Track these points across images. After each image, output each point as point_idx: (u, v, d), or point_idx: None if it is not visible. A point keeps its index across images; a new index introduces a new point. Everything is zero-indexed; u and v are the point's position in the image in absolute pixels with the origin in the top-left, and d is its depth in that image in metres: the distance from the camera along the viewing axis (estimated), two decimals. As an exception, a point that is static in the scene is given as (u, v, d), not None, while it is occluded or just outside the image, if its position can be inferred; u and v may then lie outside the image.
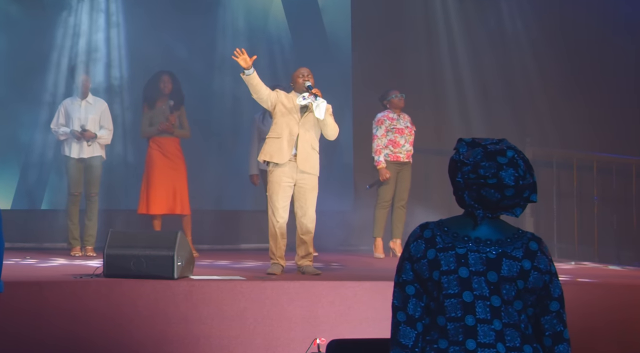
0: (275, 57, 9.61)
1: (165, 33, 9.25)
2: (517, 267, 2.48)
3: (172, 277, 5.90)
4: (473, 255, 2.49)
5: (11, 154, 9.00)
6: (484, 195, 2.49)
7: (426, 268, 2.51)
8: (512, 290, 2.47)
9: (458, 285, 2.47)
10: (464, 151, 2.54)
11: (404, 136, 8.23)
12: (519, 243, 2.52)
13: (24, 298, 5.57)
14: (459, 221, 2.56)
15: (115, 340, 5.61)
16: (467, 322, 2.44)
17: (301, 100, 6.56)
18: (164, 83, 8.06)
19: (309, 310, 5.86)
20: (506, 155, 2.50)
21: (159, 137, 8.05)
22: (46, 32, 9.09)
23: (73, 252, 7.98)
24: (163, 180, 7.99)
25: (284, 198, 6.52)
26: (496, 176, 2.47)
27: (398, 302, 2.54)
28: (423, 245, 2.53)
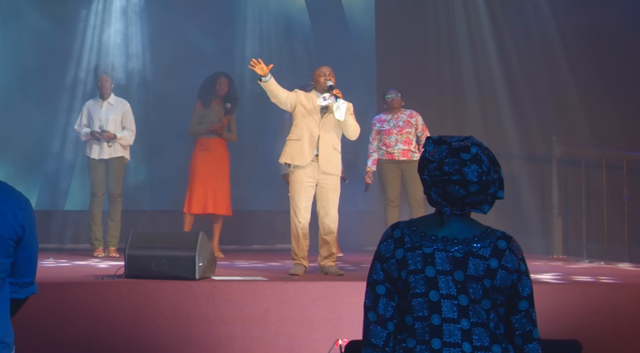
0: (298, 57, 9.56)
1: (187, 32, 9.22)
2: (484, 265, 2.47)
3: (194, 277, 5.88)
4: (440, 254, 2.49)
5: (34, 154, 9.03)
6: (449, 192, 2.49)
7: (395, 267, 2.52)
8: (479, 289, 2.46)
9: (425, 284, 2.47)
10: (430, 149, 2.54)
11: (393, 136, 8.11)
12: (487, 242, 2.50)
13: (46, 299, 5.57)
14: (428, 220, 2.57)
15: (136, 340, 5.60)
16: (433, 321, 2.44)
17: (321, 101, 6.55)
18: (220, 85, 8.09)
19: (331, 310, 5.82)
20: (470, 151, 2.49)
21: (206, 137, 8.04)
22: (67, 32, 9.11)
23: (96, 253, 7.98)
24: (206, 181, 8.00)
25: (306, 198, 6.50)
26: (459, 172, 2.47)
27: (369, 302, 2.54)
28: (392, 244, 2.54)
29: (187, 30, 9.27)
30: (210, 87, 8.12)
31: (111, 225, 8.05)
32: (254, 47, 9.56)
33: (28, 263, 2.82)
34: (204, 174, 8.02)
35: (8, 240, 2.71)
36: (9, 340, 2.76)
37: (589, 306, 5.80)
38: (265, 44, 9.57)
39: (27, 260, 2.81)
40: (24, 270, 2.82)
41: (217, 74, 8.19)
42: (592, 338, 5.45)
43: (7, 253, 2.73)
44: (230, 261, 7.69)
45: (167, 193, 8.95)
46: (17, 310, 2.87)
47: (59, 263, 7.40)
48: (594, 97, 9.65)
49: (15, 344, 5.02)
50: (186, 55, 9.18)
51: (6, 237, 2.71)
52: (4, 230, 2.69)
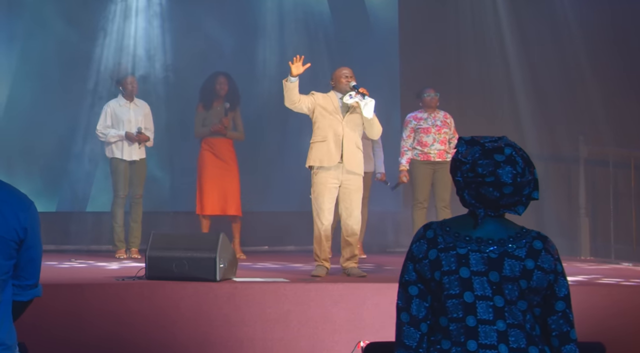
0: (320, 55, 9.50)
1: (208, 31, 9.21)
2: (520, 266, 2.44)
3: (215, 279, 5.86)
4: (474, 255, 2.46)
5: (56, 156, 9.05)
6: (483, 194, 2.47)
7: (428, 268, 2.49)
8: (515, 290, 2.43)
9: (459, 285, 2.45)
10: (462, 150, 2.52)
11: (431, 135, 8.04)
12: (522, 242, 2.48)
13: (67, 300, 5.59)
14: (462, 221, 2.54)
15: (157, 342, 5.60)
16: (468, 322, 2.42)
17: (348, 98, 6.50)
18: (220, 84, 8.05)
19: (353, 312, 5.79)
20: (504, 152, 2.47)
21: (211, 138, 8.04)
22: (90, 31, 9.12)
23: (118, 254, 7.98)
24: (214, 181, 7.98)
25: (329, 200, 6.44)
26: (494, 174, 2.45)
27: (402, 303, 2.52)
28: (425, 245, 2.51)
29: (208, 29, 9.26)
30: (210, 88, 8.09)
31: (133, 226, 8.05)
32: (274, 46, 9.52)
33: (31, 265, 2.78)
34: (212, 175, 7.99)
35: (10, 241, 2.69)
36: (10, 342, 2.73)
37: (614, 308, 5.71)
38: (286, 45, 9.53)
39: (29, 262, 2.77)
40: (27, 272, 2.78)
41: (216, 73, 8.14)
42: (617, 341, 5.36)
43: (9, 255, 2.71)
44: (252, 262, 7.66)
45: (188, 194, 8.93)
46: (20, 313, 2.84)
47: (80, 264, 7.42)
48: (619, 95, 9.53)
49: (35, 344, 5.06)
50: (207, 54, 9.17)
51: (8, 238, 2.69)
52: (6, 232, 2.68)
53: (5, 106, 9.03)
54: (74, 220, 8.96)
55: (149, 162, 8.23)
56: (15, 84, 9.07)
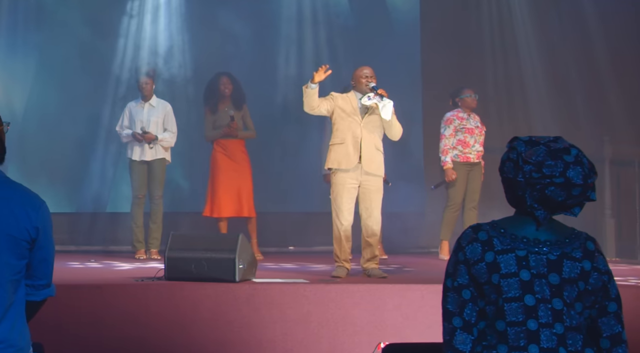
0: (340, 54, 9.44)
1: (228, 30, 9.17)
2: (578, 268, 2.41)
3: (234, 280, 5.84)
4: (534, 256, 2.42)
5: (76, 156, 9.04)
6: (548, 195, 2.41)
7: (484, 271, 2.43)
8: (573, 292, 2.40)
9: (519, 288, 2.39)
10: (523, 149, 2.45)
11: (474, 136, 7.99)
12: (577, 244, 2.45)
13: (86, 301, 5.61)
14: (515, 222, 2.48)
15: (176, 343, 5.59)
16: (529, 326, 2.37)
17: (366, 100, 6.49)
18: (224, 85, 8.03)
19: (374, 313, 5.75)
20: (571, 153, 2.42)
21: (223, 139, 8.00)
22: (108, 33, 9.11)
23: (137, 254, 7.96)
24: (228, 182, 7.95)
25: (348, 200, 6.43)
26: (563, 175, 2.39)
27: (453, 307, 2.46)
28: (480, 247, 2.45)
29: (226, 28, 9.20)
30: (214, 90, 8.05)
31: (152, 227, 8.02)
32: (295, 46, 9.47)
33: (43, 265, 2.78)
34: (225, 176, 7.94)
35: (21, 241, 2.70)
36: (22, 343, 2.73)
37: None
38: (305, 44, 9.47)
39: (42, 261, 2.78)
40: (39, 272, 2.78)
41: (218, 75, 8.10)
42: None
43: (21, 255, 2.72)
44: (271, 263, 7.63)
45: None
46: (34, 313, 2.85)
47: (100, 265, 7.41)
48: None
49: (55, 345, 5.06)
50: (226, 54, 9.12)
51: (19, 238, 2.70)
52: (17, 232, 2.69)
53: (25, 108, 9.04)
54: (94, 221, 8.96)
55: (170, 162, 8.19)
56: (35, 84, 9.08)
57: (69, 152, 9.00)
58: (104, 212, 9.02)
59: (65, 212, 8.97)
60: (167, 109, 8.11)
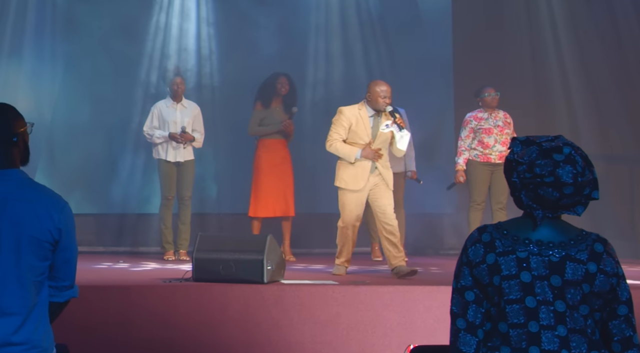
0: (373, 58, 9.38)
1: (256, 32, 9.15)
2: (582, 270, 2.38)
3: (262, 281, 5.81)
4: (535, 258, 2.40)
5: (105, 157, 9.06)
6: (541, 195, 2.40)
7: (486, 273, 2.43)
8: (577, 294, 2.37)
9: (520, 290, 2.39)
10: (518, 150, 2.45)
11: (493, 136, 7.85)
12: (583, 245, 2.41)
13: (114, 302, 5.61)
14: (519, 223, 2.47)
15: (204, 344, 5.58)
16: (530, 328, 2.36)
17: (384, 128, 6.51)
18: (281, 84, 8.01)
19: (404, 315, 5.71)
20: (562, 152, 2.40)
21: (267, 138, 7.97)
22: (136, 33, 9.11)
23: (166, 256, 7.94)
24: (271, 182, 7.93)
25: (356, 208, 6.56)
26: (553, 174, 2.38)
27: (457, 309, 2.46)
28: (482, 249, 2.44)
29: (255, 29, 9.18)
30: (270, 87, 8.03)
31: (182, 228, 8.00)
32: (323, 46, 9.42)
33: (66, 266, 2.80)
34: (269, 176, 7.94)
35: (44, 243, 2.72)
36: (46, 344, 2.74)
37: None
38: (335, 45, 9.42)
39: (65, 263, 2.79)
40: (63, 273, 2.80)
41: (277, 74, 8.09)
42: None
43: (44, 257, 2.73)
44: (302, 264, 7.58)
45: (237, 196, 8.88)
46: (57, 314, 2.86)
47: (128, 266, 7.42)
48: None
49: (83, 346, 5.06)
50: (254, 55, 9.10)
51: (42, 239, 2.71)
52: (40, 233, 2.71)
53: (54, 110, 9.07)
54: (123, 222, 8.97)
55: (198, 164, 8.17)
56: (63, 88, 9.10)
57: (98, 153, 9.02)
58: (133, 213, 9.02)
59: (94, 213, 9.00)
60: (197, 110, 8.09)
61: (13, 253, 2.69)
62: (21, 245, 2.69)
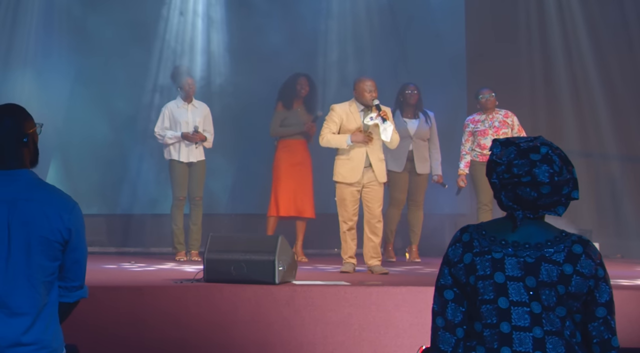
0: (385, 60, 9.35)
1: (269, 32, 9.13)
2: (557, 271, 2.39)
3: (274, 282, 5.79)
4: (510, 259, 2.41)
5: (116, 158, 9.07)
6: (519, 195, 2.42)
7: (463, 272, 2.45)
8: (552, 296, 2.38)
9: (493, 290, 2.40)
10: (497, 151, 2.47)
11: (489, 137, 7.80)
12: (560, 247, 2.41)
13: (125, 303, 5.60)
14: (498, 224, 2.49)
15: (216, 345, 5.57)
16: (502, 328, 2.38)
17: (369, 120, 6.78)
18: (301, 85, 8.04)
19: (416, 316, 5.69)
20: (539, 151, 2.42)
21: (288, 139, 7.97)
22: (146, 33, 9.11)
23: (178, 256, 7.94)
24: (291, 182, 7.94)
25: (352, 203, 6.84)
26: (530, 174, 2.40)
27: (437, 307, 2.49)
28: (460, 249, 2.47)
29: (267, 30, 9.17)
30: (291, 88, 8.04)
31: (193, 228, 7.99)
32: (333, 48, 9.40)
33: (76, 267, 2.81)
34: (288, 176, 7.95)
35: (54, 243, 2.73)
36: (56, 344, 2.75)
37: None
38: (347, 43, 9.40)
39: (74, 263, 2.80)
40: (72, 274, 2.81)
41: (297, 74, 8.12)
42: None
43: (54, 257, 2.74)
44: (313, 265, 7.57)
45: (248, 196, 8.87)
46: (67, 315, 2.87)
47: (139, 267, 7.42)
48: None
49: (94, 346, 5.05)
50: (266, 55, 9.08)
51: (52, 240, 2.72)
52: (50, 234, 2.72)
53: (66, 111, 9.08)
54: (134, 223, 8.97)
55: (209, 164, 8.16)
56: (75, 88, 9.11)
57: (110, 153, 9.02)
58: (144, 214, 9.02)
59: (105, 214, 9.00)
60: (207, 110, 8.08)
61: (23, 253, 2.69)
62: (31, 245, 2.69)
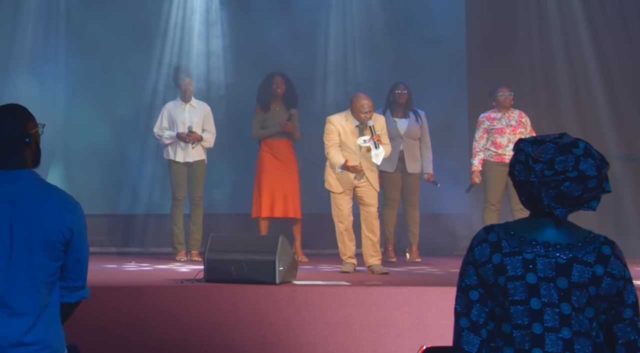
0: (384, 57, 9.34)
1: (268, 32, 9.13)
2: (589, 272, 2.37)
3: (274, 282, 5.79)
4: (541, 260, 2.39)
5: (116, 158, 9.07)
6: (564, 192, 2.38)
7: (491, 273, 2.42)
8: (583, 297, 2.37)
9: (525, 291, 2.38)
10: (530, 149, 2.44)
11: (506, 135, 7.81)
12: (590, 248, 2.40)
13: (126, 303, 5.60)
14: (527, 224, 2.46)
15: (216, 345, 5.57)
16: (534, 330, 2.35)
17: (362, 142, 6.83)
18: (277, 84, 7.97)
19: (417, 316, 5.69)
20: (579, 146, 2.39)
21: (271, 139, 7.95)
22: (146, 33, 9.11)
23: (178, 256, 7.94)
24: (275, 183, 7.90)
25: (347, 203, 6.90)
26: (576, 169, 2.37)
27: (461, 308, 2.47)
28: (488, 249, 2.44)
29: (266, 29, 9.16)
30: (267, 89, 8.00)
31: (193, 228, 7.99)
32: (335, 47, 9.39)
33: (78, 267, 2.81)
34: (272, 176, 7.90)
35: (56, 243, 2.73)
36: (57, 344, 2.75)
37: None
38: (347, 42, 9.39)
39: (76, 263, 2.80)
40: (74, 274, 2.81)
41: (272, 74, 8.04)
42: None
43: (56, 257, 2.74)
44: (314, 265, 7.57)
45: (248, 196, 8.85)
46: (69, 315, 2.87)
47: (140, 267, 7.42)
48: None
49: (94, 346, 5.05)
50: (266, 55, 9.07)
51: (54, 240, 2.72)
52: (52, 234, 2.72)
53: (65, 111, 9.08)
54: (134, 223, 8.97)
55: (209, 164, 8.16)
56: (75, 90, 9.11)
57: (110, 154, 9.03)
58: (144, 214, 9.02)
59: (106, 214, 9.00)
60: (207, 110, 8.07)
61: (25, 253, 2.69)
62: (33, 245, 2.69)
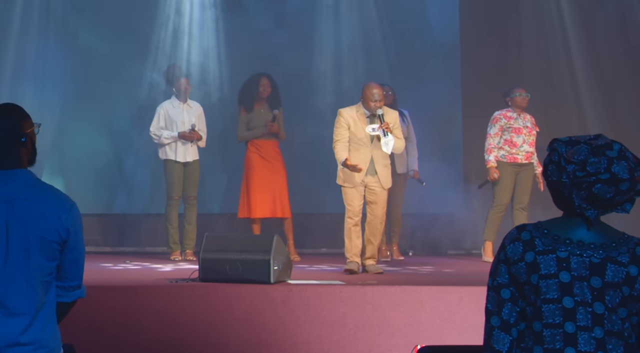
0: (379, 58, 9.35)
1: (264, 30, 9.14)
2: (623, 272, 2.36)
3: (269, 281, 5.80)
4: (576, 259, 2.38)
5: (111, 157, 9.07)
6: (595, 193, 2.36)
7: (524, 271, 2.41)
8: (616, 296, 2.35)
9: (558, 290, 2.36)
10: (564, 150, 2.41)
11: (522, 136, 7.85)
12: (624, 249, 2.39)
13: (121, 302, 5.60)
14: (560, 223, 2.44)
15: (211, 344, 5.57)
16: (566, 329, 2.33)
17: (370, 130, 6.79)
18: (263, 86, 7.97)
19: (411, 315, 5.69)
20: (613, 148, 2.38)
21: (257, 140, 7.95)
22: (142, 31, 9.10)
23: (173, 256, 7.93)
24: (262, 183, 7.90)
25: (358, 199, 6.82)
26: (608, 171, 2.35)
27: (492, 306, 2.44)
28: (521, 247, 2.42)
29: (263, 29, 9.16)
30: (251, 90, 7.99)
31: (188, 228, 8.00)
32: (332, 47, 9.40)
33: (74, 267, 2.80)
34: (260, 177, 7.90)
35: (52, 243, 2.72)
36: (53, 344, 2.75)
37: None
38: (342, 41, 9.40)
39: (72, 263, 2.79)
40: (70, 274, 2.80)
41: (258, 75, 8.03)
42: None
43: (52, 257, 2.74)
44: (307, 264, 7.58)
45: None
46: (64, 315, 2.87)
47: (135, 266, 7.41)
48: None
49: (89, 346, 5.05)
50: (263, 55, 9.07)
51: (50, 240, 2.72)
52: (48, 233, 2.71)
53: (60, 111, 9.06)
54: (129, 222, 8.96)
55: (203, 164, 8.17)
56: (68, 90, 9.09)
57: (104, 153, 9.02)
58: (139, 213, 9.02)
59: (100, 214, 8.99)
60: (200, 110, 8.09)
61: (21, 253, 2.69)
62: (29, 245, 2.69)
